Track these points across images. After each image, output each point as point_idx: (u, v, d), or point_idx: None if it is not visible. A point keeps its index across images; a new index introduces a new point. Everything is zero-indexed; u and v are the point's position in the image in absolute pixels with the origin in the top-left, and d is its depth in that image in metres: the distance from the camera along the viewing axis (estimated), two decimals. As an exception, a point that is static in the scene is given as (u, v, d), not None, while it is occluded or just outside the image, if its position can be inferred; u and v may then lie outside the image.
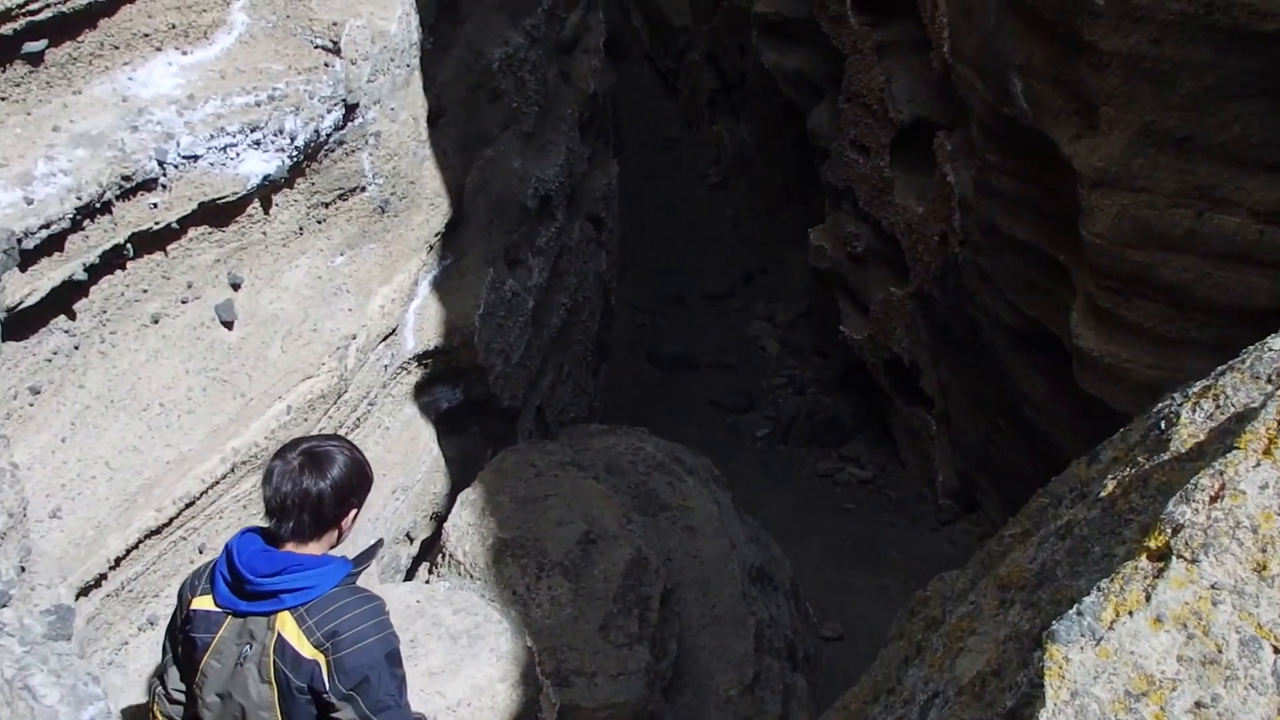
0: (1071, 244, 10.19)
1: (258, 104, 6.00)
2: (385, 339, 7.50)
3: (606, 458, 8.87)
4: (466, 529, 7.57)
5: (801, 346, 17.08)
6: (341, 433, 6.95)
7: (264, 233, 6.36)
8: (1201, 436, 3.30)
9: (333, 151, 6.63)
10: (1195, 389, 3.62)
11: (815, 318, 17.34)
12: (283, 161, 6.13)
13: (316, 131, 6.33)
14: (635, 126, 20.11)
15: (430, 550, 8.08)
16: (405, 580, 8.01)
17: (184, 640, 4.54)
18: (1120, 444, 4.01)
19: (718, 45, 20.07)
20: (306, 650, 4.28)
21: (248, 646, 4.35)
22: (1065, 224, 10.25)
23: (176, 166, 5.60)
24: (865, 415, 15.62)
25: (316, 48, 6.46)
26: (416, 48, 7.51)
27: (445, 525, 7.68)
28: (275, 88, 6.10)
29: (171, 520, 5.75)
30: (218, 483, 6.00)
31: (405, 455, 7.86)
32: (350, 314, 6.97)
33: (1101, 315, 9.63)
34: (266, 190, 6.22)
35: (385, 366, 7.56)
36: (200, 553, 6.01)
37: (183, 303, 5.97)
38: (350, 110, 6.65)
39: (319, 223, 6.75)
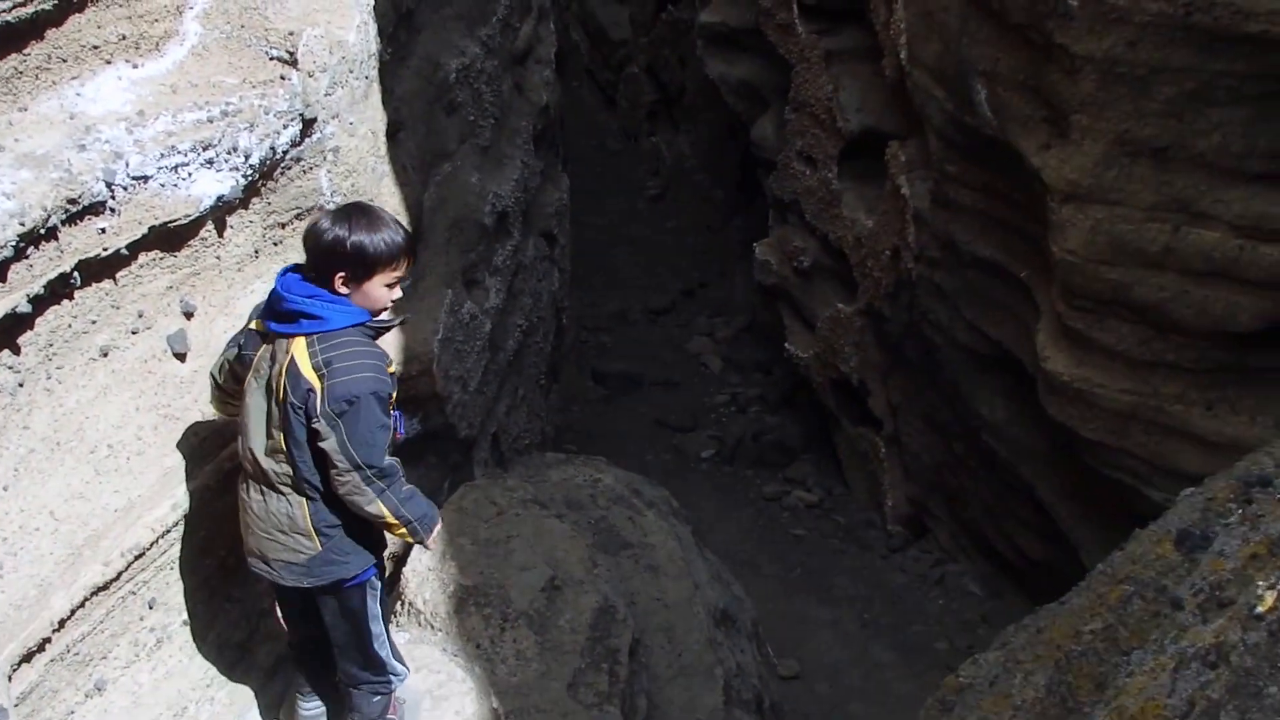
0: (1037, 260, 9.77)
1: (210, 120, 5.52)
2: (343, 365, 7.06)
3: (566, 491, 8.48)
4: (426, 575, 7.09)
5: (744, 363, 16.74)
6: (301, 469, 6.59)
7: (218, 257, 5.89)
8: None
9: (290, 169, 6.16)
10: None
11: (757, 333, 17.05)
12: (237, 181, 5.65)
13: (272, 148, 5.85)
14: (575, 139, 19.89)
15: (388, 594, 7.65)
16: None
17: (237, 358, 5.16)
18: (1247, 532, 3.20)
19: (657, 57, 19.89)
20: (306, 371, 4.72)
21: (273, 365, 4.88)
22: (1030, 239, 9.83)
23: (125, 188, 5.12)
24: (811, 435, 15.17)
25: (272, 59, 5.99)
26: (375, 58, 7.08)
27: (404, 570, 7.21)
28: (229, 102, 5.62)
29: (120, 574, 5.28)
30: (169, 531, 5.55)
31: (362, 489, 7.46)
32: (307, 343, 6.54)
33: (1071, 337, 9.12)
34: (220, 211, 5.73)
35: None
36: (150, 608, 5.56)
37: (133, 334, 5.49)
38: (308, 125, 6.16)
39: (275, 245, 6.29)
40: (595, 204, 19.61)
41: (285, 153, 6.08)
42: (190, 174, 5.46)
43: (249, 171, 5.77)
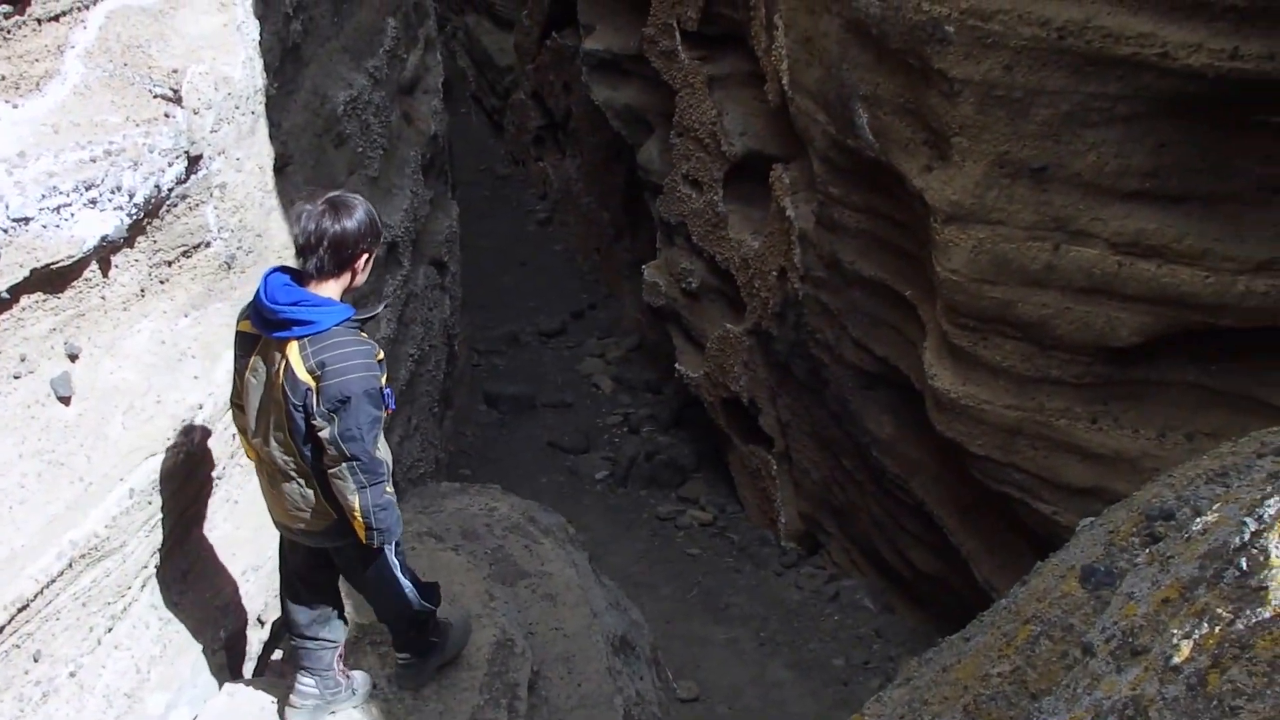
0: (921, 280, 9.72)
1: (93, 159, 5.28)
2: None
3: (461, 521, 8.29)
4: (322, 615, 6.89)
5: (635, 384, 16.66)
6: (191, 512, 6.44)
7: (103, 297, 5.64)
8: None
9: (175, 206, 5.94)
10: (1271, 509, 2.63)
11: (648, 354, 16.99)
12: (121, 220, 5.42)
13: (157, 186, 5.64)
14: (463, 165, 19.77)
15: (283, 636, 7.38)
16: (257, 670, 7.30)
17: (235, 358, 5.47)
18: (1157, 574, 3.00)
19: (543, 83, 19.78)
20: (302, 374, 5.03)
21: (270, 367, 5.18)
22: (914, 259, 9.77)
23: (6, 230, 4.88)
24: (703, 454, 15.07)
25: (156, 96, 5.77)
26: (261, 93, 6.89)
27: (299, 609, 6.99)
28: (112, 141, 5.39)
29: (2, 628, 5.02)
30: (54, 580, 5.28)
31: (255, 531, 7.15)
32: (196, 381, 6.27)
33: (957, 354, 9.04)
34: (105, 251, 5.48)
35: (233, 435, 6.90)
36: (35, 661, 5.28)
37: (15, 378, 5.23)
38: (193, 162, 5.96)
39: (162, 283, 6.05)
40: (485, 228, 19.52)
41: (170, 190, 5.87)
42: (73, 214, 5.21)
43: (133, 210, 5.55)
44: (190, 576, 6.52)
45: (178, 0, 6.43)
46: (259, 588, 7.26)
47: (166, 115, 5.81)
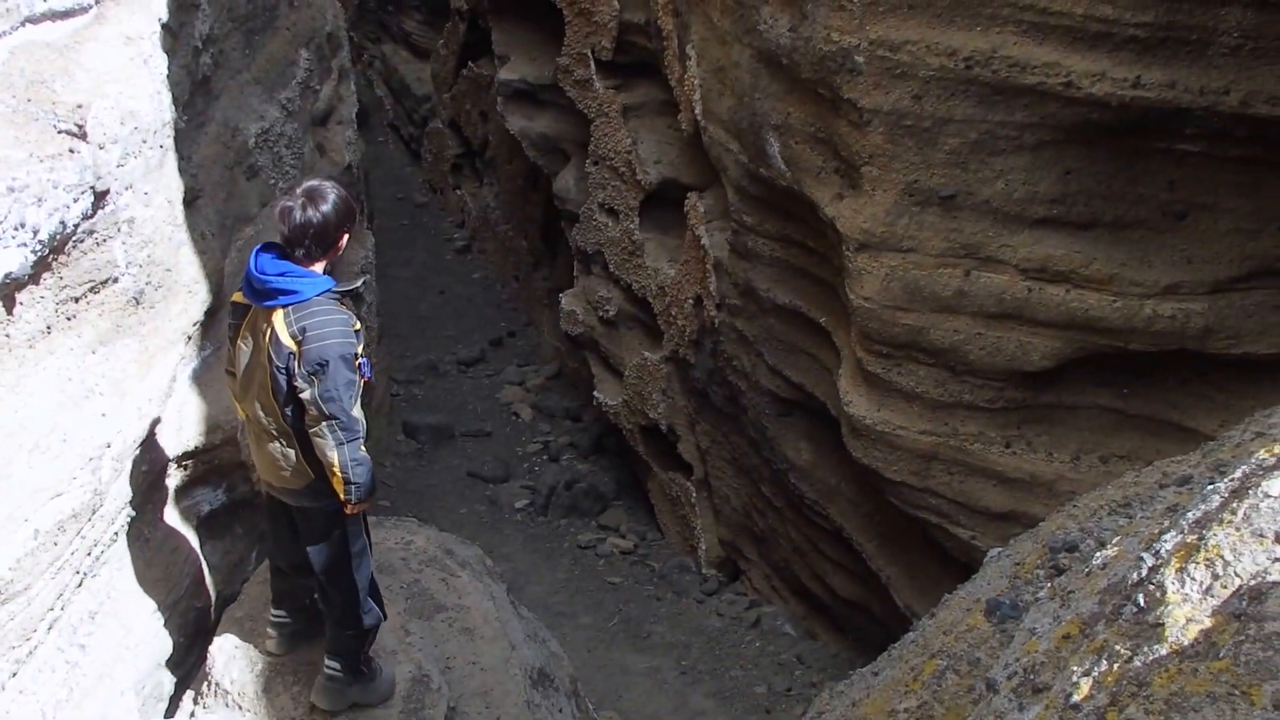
0: (835, 307, 9.75)
1: (-4, 196, 5.22)
2: (142, 442, 6.72)
3: (378, 555, 8.15)
4: (234, 652, 6.73)
5: (554, 411, 16.58)
6: (97, 551, 6.35)
7: (7, 335, 5.55)
8: (1206, 621, 2.41)
9: (82, 242, 5.87)
10: (1169, 544, 2.62)
11: (567, 382, 16.95)
12: (26, 257, 5.35)
13: (62, 222, 5.58)
14: (381, 194, 19.68)
15: (194, 676, 7.26)
16: (167, 714, 7.17)
17: (229, 326, 5.86)
18: (1058, 609, 2.99)
19: (459, 112, 19.72)
20: (286, 339, 5.44)
21: (258, 334, 5.58)
22: (828, 286, 9.80)
23: (-91, 269, 4.81)
24: (623, 482, 15.02)
25: (60, 132, 5.71)
26: (170, 126, 6.87)
27: (211, 648, 6.87)
28: (15, 178, 5.30)
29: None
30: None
31: (166, 569, 7.08)
32: (104, 418, 6.21)
33: (871, 381, 9.08)
34: (9, 289, 5.40)
35: (144, 473, 6.80)
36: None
37: (-84, 418, 5.15)
38: (100, 197, 5.91)
39: (69, 319, 5.97)
40: (402, 257, 19.44)
41: (76, 226, 5.80)
42: (-24, 252, 5.14)
43: (38, 247, 5.47)
44: (99, 617, 6.41)
45: (83, 35, 6.37)
46: (172, 627, 7.16)
47: (71, 150, 5.75)
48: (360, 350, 5.66)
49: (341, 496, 5.75)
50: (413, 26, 22.00)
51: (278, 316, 5.49)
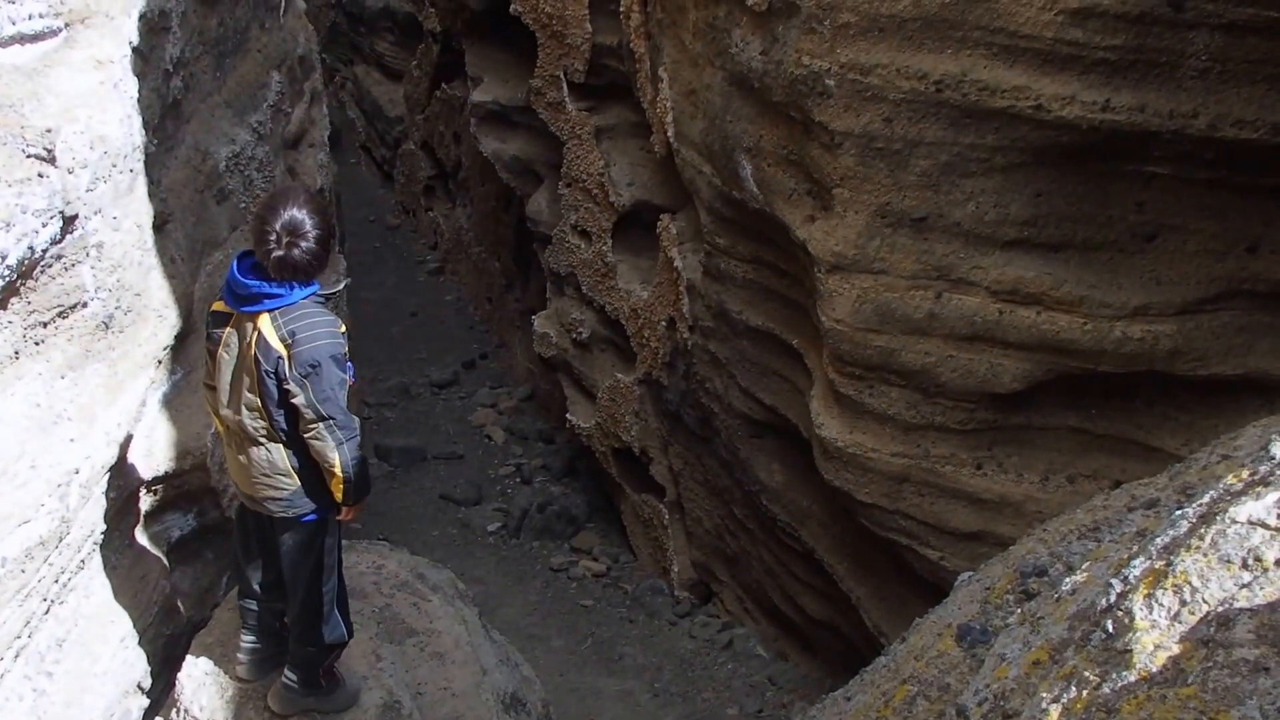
0: (807, 329, 9.77)
1: (-37, 222, 5.20)
2: (111, 468, 6.67)
3: (349, 579, 8.10)
4: (203, 679, 6.67)
5: (527, 434, 16.57)
6: (65, 578, 6.29)
7: (-26, 361, 5.56)
8: (1175, 648, 2.40)
9: (50, 267, 5.84)
10: (1137, 570, 2.62)
11: (539, 404, 16.94)
12: (-7, 283, 5.36)
13: (31, 248, 5.55)
14: (353, 215, 19.62)
15: (163, 702, 7.22)
16: (138, 740, 7.14)
17: (207, 337, 5.78)
18: (1028, 635, 2.98)
19: (432, 134, 19.75)
20: (274, 341, 5.41)
21: (242, 339, 5.53)
22: (800, 308, 9.82)
23: (-126, 294, 4.78)
24: (596, 504, 15.00)
25: (29, 157, 5.67)
26: (140, 150, 6.82)
27: (180, 675, 6.83)
28: (-18, 203, 5.31)
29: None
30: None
31: (135, 596, 7.02)
32: (73, 444, 6.16)
33: (843, 403, 9.08)
34: (-24, 315, 5.42)
35: (112, 499, 6.75)
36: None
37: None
38: (69, 222, 5.87)
39: (37, 344, 5.93)
40: (375, 279, 19.39)
41: (45, 251, 5.77)
42: (-57, 280, 5.12)
43: (6, 272, 5.44)
44: (66, 645, 6.37)
45: (53, 58, 6.35)
46: (138, 654, 7.11)
47: (40, 175, 5.72)
48: (346, 350, 5.68)
49: (339, 498, 5.80)
50: (385, 48, 22.03)
51: (264, 321, 5.46)
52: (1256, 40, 7.30)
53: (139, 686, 7.22)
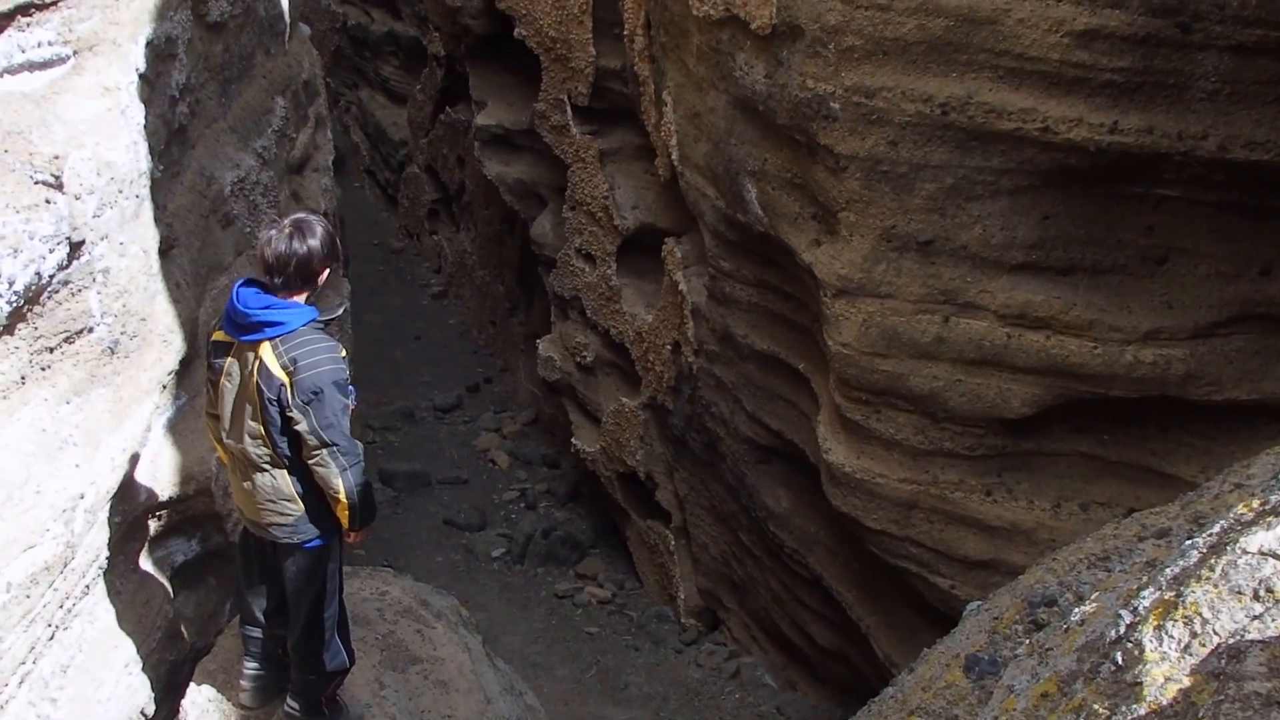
0: (813, 353, 9.76)
1: (-30, 249, 5.23)
2: (116, 494, 6.69)
3: (353, 606, 8.10)
4: (207, 706, 6.70)
5: (531, 458, 16.54)
6: (69, 604, 6.29)
7: (-20, 386, 5.58)
8: (1185, 681, 2.38)
9: (57, 293, 5.88)
10: (1147, 600, 2.60)
11: (544, 428, 16.91)
12: (0, 309, 5.38)
13: (38, 274, 5.58)
14: (357, 239, 19.65)
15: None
16: (142, 764, 7.14)
17: (209, 367, 5.88)
18: (1036, 666, 2.97)
19: (436, 157, 19.78)
20: (276, 370, 5.49)
21: (244, 368, 5.61)
22: (806, 333, 9.82)
23: (-118, 320, 4.80)
24: (601, 530, 14.99)
25: (37, 183, 5.70)
26: (146, 176, 6.85)
27: (183, 702, 6.84)
28: (-10, 229, 5.34)
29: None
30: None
31: (138, 622, 7.03)
32: (78, 469, 6.17)
33: (850, 428, 9.07)
34: (-16, 340, 5.45)
35: (117, 524, 6.77)
36: None
37: (-113, 470, 5.13)
38: (75, 248, 5.91)
39: (43, 370, 5.96)
40: (378, 303, 19.39)
41: (52, 277, 5.80)
42: (-50, 304, 5.15)
43: (13, 298, 5.47)
44: (71, 671, 6.37)
45: (60, 85, 6.37)
46: (142, 680, 7.12)
47: (48, 201, 5.75)
48: (347, 374, 5.74)
49: (345, 524, 5.89)
50: (389, 72, 22.06)
51: (265, 349, 5.53)
52: (1266, 61, 7.32)
53: (143, 713, 7.22)
